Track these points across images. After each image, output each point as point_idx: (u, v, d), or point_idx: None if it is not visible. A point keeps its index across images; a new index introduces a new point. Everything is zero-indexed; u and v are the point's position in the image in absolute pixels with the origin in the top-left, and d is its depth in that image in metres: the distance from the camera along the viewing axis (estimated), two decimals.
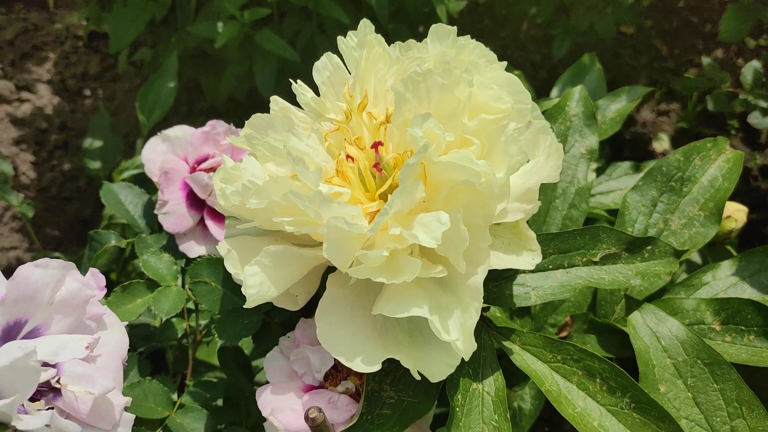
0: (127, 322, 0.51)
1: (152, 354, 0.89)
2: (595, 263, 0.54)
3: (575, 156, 0.67)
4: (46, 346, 0.41)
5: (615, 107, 0.81)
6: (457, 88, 0.44)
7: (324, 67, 0.53)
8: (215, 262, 0.58)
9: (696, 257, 0.83)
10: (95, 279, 0.50)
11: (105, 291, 0.50)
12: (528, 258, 0.47)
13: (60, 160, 1.65)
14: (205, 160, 0.68)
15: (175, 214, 0.66)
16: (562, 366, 0.50)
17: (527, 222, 0.50)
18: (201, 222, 0.68)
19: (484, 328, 0.52)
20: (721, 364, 0.52)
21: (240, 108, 1.55)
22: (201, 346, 0.95)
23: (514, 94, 0.48)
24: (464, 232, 0.42)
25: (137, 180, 0.76)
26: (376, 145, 0.48)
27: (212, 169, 0.68)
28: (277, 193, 0.43)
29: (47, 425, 0.38)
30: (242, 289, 0.44)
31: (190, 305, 0.68)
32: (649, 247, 0.54)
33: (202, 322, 0.66)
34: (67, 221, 1.57)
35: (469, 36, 0.51)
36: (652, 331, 0.55)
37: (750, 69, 1.42)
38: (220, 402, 0.66)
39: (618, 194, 0.82)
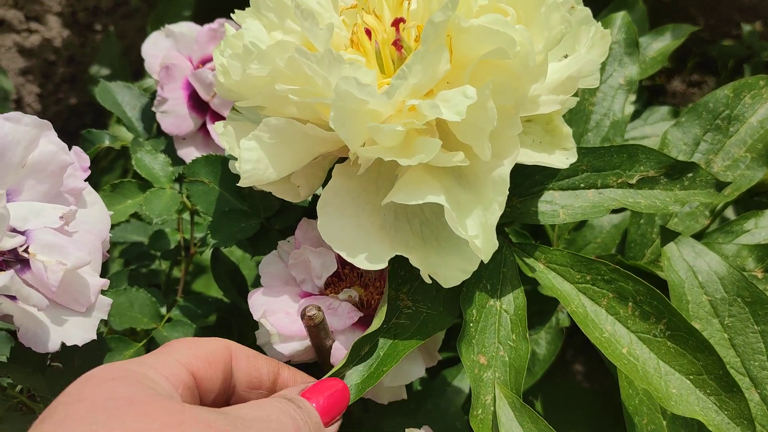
0: (112, 213, 0.47)
1: (144, 276, 0.84)
2: (631, 186, 0.49)
3: (612, 87, 0.62)
4: (16, 209, 0.36)
5: (657, 46, 0.75)
6: None
7: None
8: (213, 160, 0.53)
9: (730, 213, 0.77)
10: (79, 159, 0.45)
11: (88, 173, 0.45)
12: (561, 157, 0.42)
13: (67, 95, 1.60)
14: (210, 59, 0.63)
15: (174, 114, 0.61)
16: (591, 287, 0.45)
17: None
18: (203, 128, 0.63)
19: (506, 243, 0.47)
20: (764, 303, 0.46)
21: None
22: (198, 278, 0.91)
23: None
24: (492, 110, 0.36)
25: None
26: (396, 23, 0.42)
27: None
28: (281, 56, 0.38)
29: (8, 296, 0.34)
30: (236, 164, 0.39)
31: (186, 216, 0.63)
32: (690, 174, 0.49)
33: (198, 235, 0.62)
34: None
35: None
36: (689, 264, 0.50)
37: None
38: (212, 321, 0.61)
39: (653, 140, 0.76)
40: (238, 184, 0.40)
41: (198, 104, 0.62)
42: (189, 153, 0.62)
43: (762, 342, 0.46)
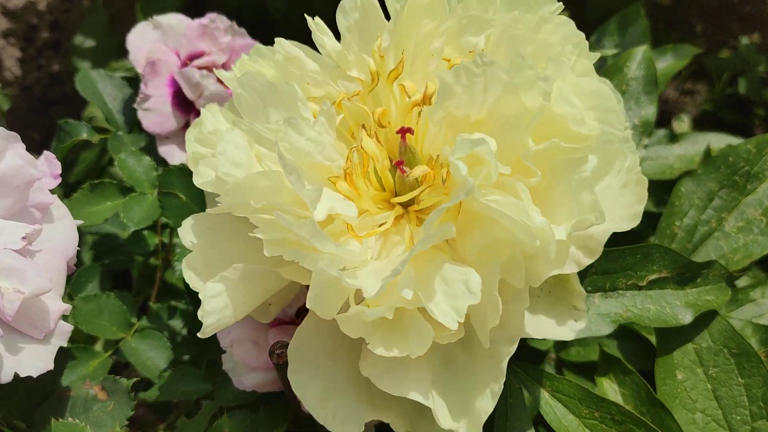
0: (81, 222, 0.44)
1: (116, 270, 0.81)
2: (641, 288, 0.46)
3: None
4: None
5: (659, 66, 0.73)
6: (527, 95, 0.33)
7: (353, 7, 0.41)
8: (189, 173, 0.51)
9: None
10: (50, 165, 0.42)
11: (59, 180, 0.42)
12: (567, 330, 0.37)
13: (48, 61, 1.56)
14: (199, 56, 0.60)
15: (157, 112, 0.58)
16: (599, 425, 0.41)
17: None
18: (186, 127, 0.60)
19: (513, 362, 0.43)
20: (750, 356, 0.45)
21: (246, 27, 1.46)
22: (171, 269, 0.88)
23: (602, 113, 0.35)
24: (498, 303, 0.32)
25: (127, 83, 0.67)
26: (404, 132, 0.37)
27: (206, 68, 0.59)
28: (258, 198, 0.33)
29: None
30: (198, 313, 0.34)
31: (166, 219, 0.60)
32: (704, 271, 0.46)
33: (177, 241, 0.59)
34: (50, 125, 1.49)
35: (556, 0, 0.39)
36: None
37: None
38: (184, 332, 0.59)
39: (649, 164, 0.74)
40: (198, 335, 0.34)
41: (183, 102, 0.59)
42: (171, 151, 0.60)
43: (745, 395, 0.44)
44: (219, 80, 0.60)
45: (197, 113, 0.60)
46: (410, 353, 0.31)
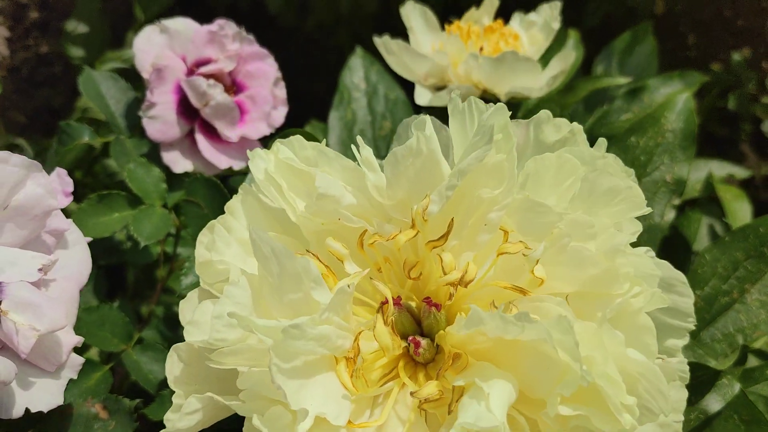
0: (90, 239, 0.43)
1: (110, 268, 0.80)
2: None
3: (656, 182, 0.52)
4: None
5: (666, 91, 0.72)
6: (565, 356, 0.29)
7: (405, 154, 0.34)
8: (214, 185, 0.50)
9: None
10: (61, 182, 0.42)
11: (71, 198, 0.42)
12: None
13: (37, 41, 1.52)
14: (206, 63, 0.59)
15: (161, 120, 0.57)
16: None
17: None
18: (190, 135, 0.59)
19: None
20: (761, 424, 0.43)
21: (242, 20, 1.44)
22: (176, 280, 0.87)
23: (649, 392, 0.30)
24: None
25: (122, 76, 0.66)
26: (430, 304, 0.34)
27: (213, 75, 0.58)
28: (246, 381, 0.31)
29: None
30: (165, 417, 0.33)
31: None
32: None
33: (181, 251, 0.58)
34: (36, 108, 1.45)
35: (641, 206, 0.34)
36: None
37: None
38: None
39: None
40: None
41: (187, 110, 0.58)
42: (174, 159, 0.59)
43: None
44: (225, 89, 0.59)
45: (202, 121, 0.59)
46: None
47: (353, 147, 0.36)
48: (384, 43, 0.63)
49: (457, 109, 0.35)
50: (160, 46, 0.59)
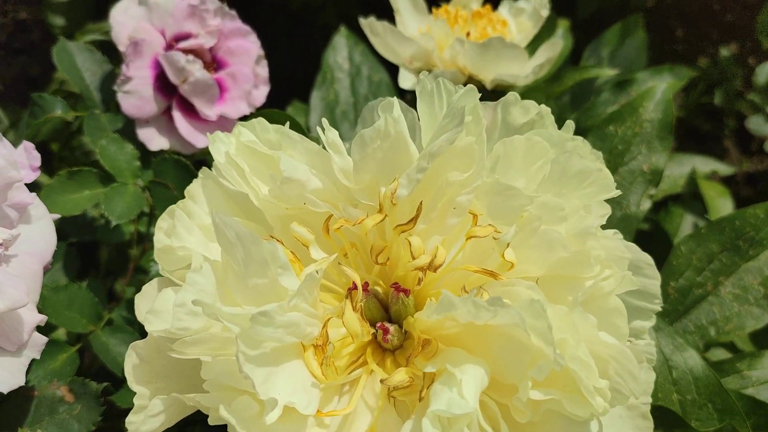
0: (57, 216, 0.42)
1: (82, 245, 0.79)
2: None
3: (633, 172, 0.53)
4: None
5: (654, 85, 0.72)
6: (538, 341, 0.28)
7: (374, 136, 0.33)
8: (184, 167, 0.49)
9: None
10: (29, 156, 0.40)
11: (38, 173, 0.40)
12: None
13: (15, 7, 1.48)
14: (185, 38, 0.57)
15: (137, 95, 0.55)
16: None
17: None
18: (167, 112, 0.58)
19: None
20: (733, 414, 0.44)
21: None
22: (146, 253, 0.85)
23: (620, 374, 0.30)
24: None
25: (101, 49, 0.64)
26: (398, 290, 0.33)
27: (192, 51, 0.57)
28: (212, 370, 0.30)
29: None
30: (127, 420, 0.32)
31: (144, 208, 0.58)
32: None
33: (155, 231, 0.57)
34: (12, 76, 1.42)
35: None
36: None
37: (765, 70, 1.35)
38: None
39: None
40: None
41: (165, 86, 0.56)
42: (150, 136, 0.57)
43: None
44: (205, 65, 0.57)
45: (180, 98, 0.57)
46: None
47: (318, 129, 0.35)
48: (369, 24, 0.62)
49: (426, 90, 0.34)
50: (138, 19, 0.57)
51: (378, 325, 0.33)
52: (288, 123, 0.37)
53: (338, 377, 0.31)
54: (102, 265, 0.70)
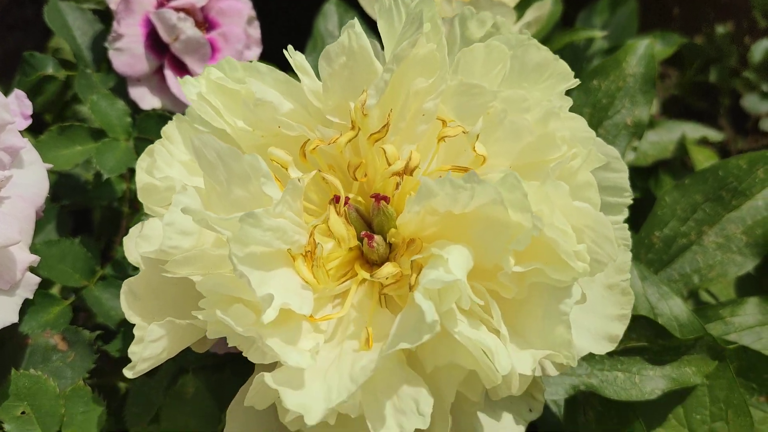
0: (50, 166, 0.42)
1: (76, 210, 0.79)
2: (612, 354, 0.43)
3: (617, 125, 0.54)
4: None
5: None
6: (516, 214, 0.29)
7: (339, 52, 0.34)
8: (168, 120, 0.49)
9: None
10: (20, 104, 0.40)
11: (30, 120, 0.40)
12: (522, 419, 0.34)
13: None
14: None
15: (129, 53, 0.55)
16: None
17: None
18: (159, 71, 0.58)
19: None
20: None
21: None
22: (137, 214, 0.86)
23: (597, 239, 0.31)
24: (447, 422, 0.30)
25: (98, 16, 0.63)
26: (378, 199, 0.34)
27: (183, 9, 0.57)
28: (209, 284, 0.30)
29: None
30: (131, 352, 0.32)
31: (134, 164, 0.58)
32: (689, 348, 0.44)
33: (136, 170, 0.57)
34: (6, 51, 1.41)
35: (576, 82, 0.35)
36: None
37: (760, 48, 1.36)
38: None
39: None
40: (127, 374, 0.32)
41: (157, 44, 0.57)
42: (142, 95, 0.57)
43: (707, 396, 0.44)
44: (197, 24, 0.58)
45: (172, 57, 0.57)
46: None
47: (285, 52, 0.36)
48: None
49: (384, 7, 0.35)
50: None
51: (362, 233, 0.34)
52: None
53: (329, 284, 0.32)
54: (95, 226, 0.70)
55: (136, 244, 0.33)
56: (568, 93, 0.37)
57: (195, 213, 0.29)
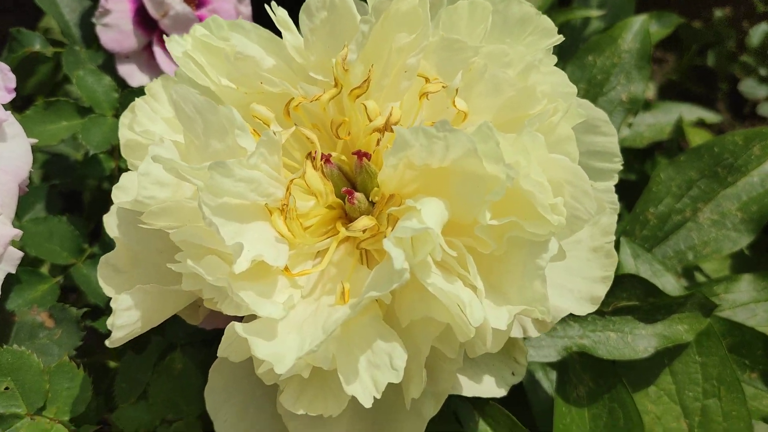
0: (35, 141, 0.41)
1: (66, 191, 0.78)
2: (604, 314, 0.44)
3: (612, 101, 0.54)
4: None
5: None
6: (491, 165, 0.29)
7: (320, 6, 0.35)
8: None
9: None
10: (3, 77, 0.39)
11: (13, 94, 0.40)
12: (503, 382, 0.35)
13: None
14: None
15: (117, 29, 0.54)
16: None
17: None
18: (148, 48, 0.57)
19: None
20: (710, 336, 0.45)
21: None
22: None
23: (575, 193, 0.31)
24: (422, 378, 0.30)
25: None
26: (360, 155, 0.34)
27: None
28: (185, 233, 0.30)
29: None
30: (108, 323, 0.31)
31: None
32: (681, 302, 0.44)
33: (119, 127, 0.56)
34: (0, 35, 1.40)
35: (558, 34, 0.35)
36: None
37: (759, 32, 1.35)
38: None
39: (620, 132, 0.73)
40: (106, 343, 0.32)
41: (145, 21, 0.56)
42: (130, 72, 0.57)
43: (700, 373, 0.44)
44: (187, 2, 0.57)
45: (160, 33, 0.57)
46: (325, 413, 0.29)
47: (267, 7, 0.36)
48: None
49: None
50: None
51: (344, 190, 0.33)
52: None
53: (307, 240, 0.32)
54: (85, 207, 0.69)
55: (113, 195, 0.33)
56: (563, 69, 0.37)
57: (166, 162, 0.29)
